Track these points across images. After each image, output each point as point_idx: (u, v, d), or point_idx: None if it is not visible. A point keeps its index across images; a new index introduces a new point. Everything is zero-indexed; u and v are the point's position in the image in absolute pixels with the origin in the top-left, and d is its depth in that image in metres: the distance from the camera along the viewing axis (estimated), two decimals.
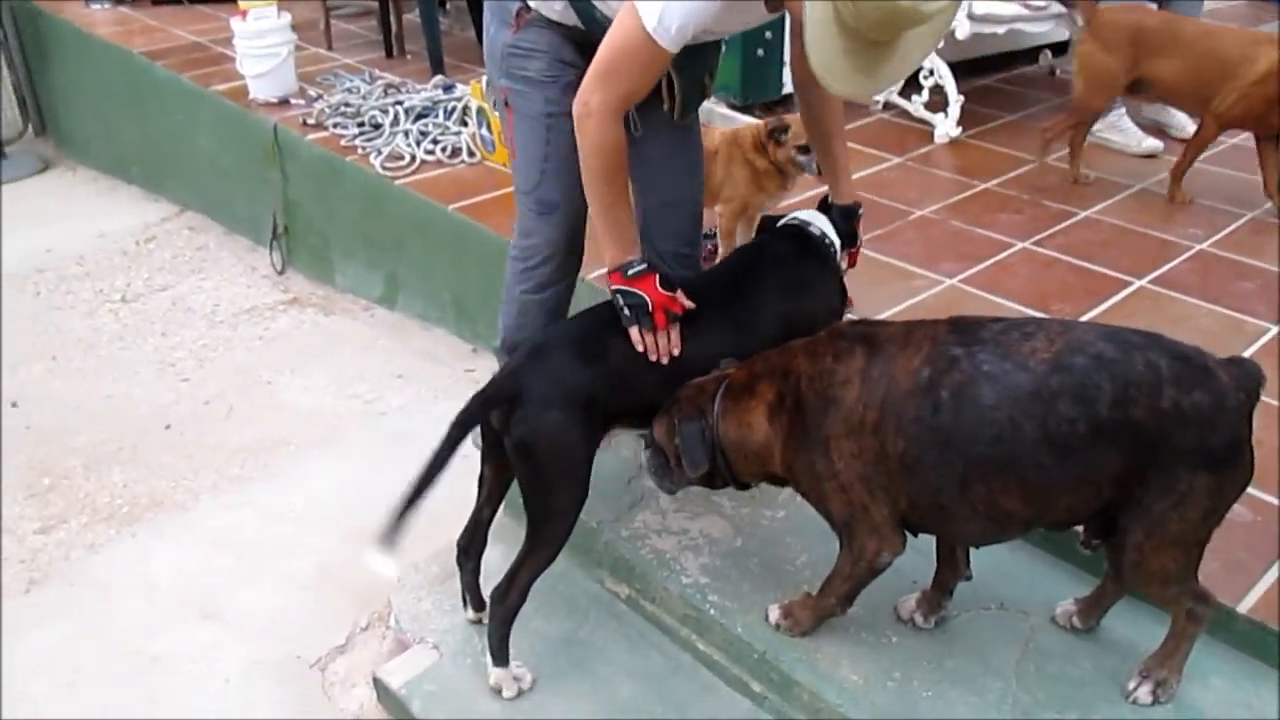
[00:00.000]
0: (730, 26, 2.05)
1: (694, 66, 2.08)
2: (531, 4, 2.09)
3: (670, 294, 1.96)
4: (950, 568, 2.00)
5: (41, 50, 5.56)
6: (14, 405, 3.42)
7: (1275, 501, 2.13)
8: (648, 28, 1.79)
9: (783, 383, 1.81)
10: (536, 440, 1.91)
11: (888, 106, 4.20)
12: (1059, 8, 3.94)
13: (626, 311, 1.95)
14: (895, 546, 1.81)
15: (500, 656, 2.04)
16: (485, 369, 3.43)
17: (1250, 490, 1.73)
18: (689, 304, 1.99)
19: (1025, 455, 1.61)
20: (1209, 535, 1.67)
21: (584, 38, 2.05)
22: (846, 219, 2.27)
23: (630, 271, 1.96)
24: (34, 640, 2.47)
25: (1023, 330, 1.64)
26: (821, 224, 2.26)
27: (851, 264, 2.34)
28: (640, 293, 1.94)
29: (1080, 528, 1.79)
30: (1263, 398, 1.64)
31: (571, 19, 2.06)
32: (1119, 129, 3.87)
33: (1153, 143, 3.84)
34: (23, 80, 5.72)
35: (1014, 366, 1.60)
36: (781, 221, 2.31)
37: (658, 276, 1.96)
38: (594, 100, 1.85)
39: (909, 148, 3.91)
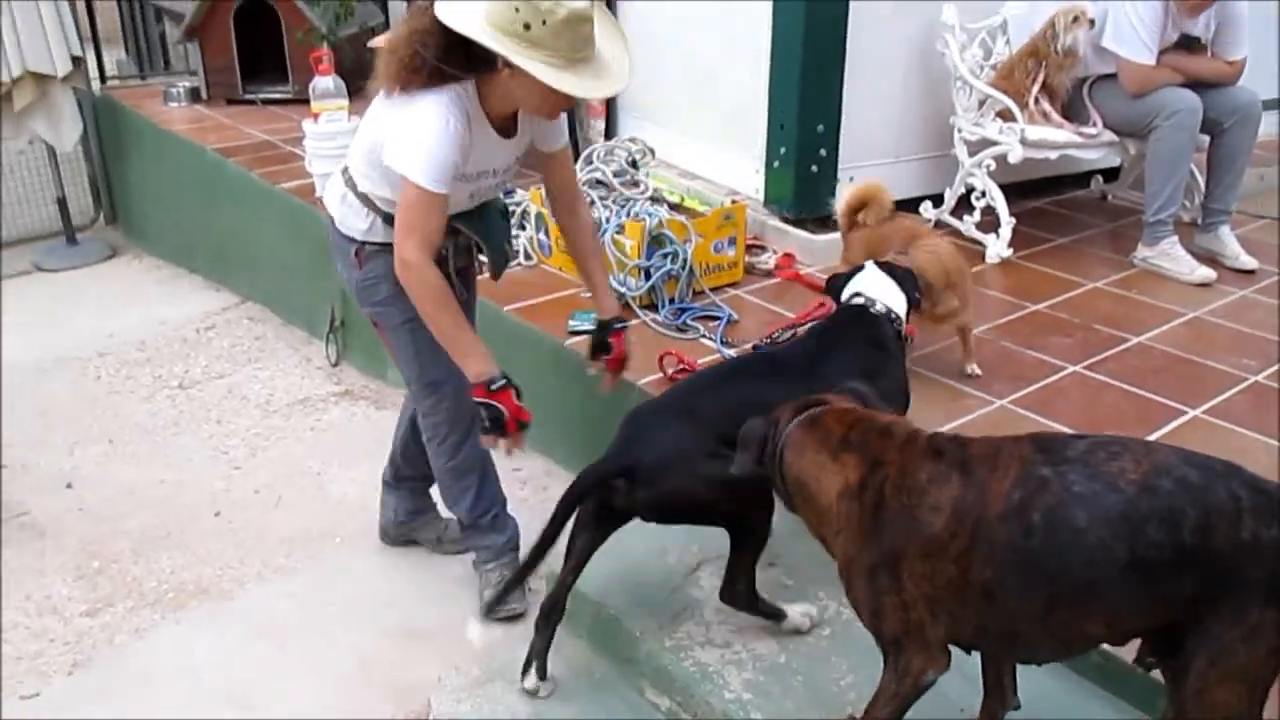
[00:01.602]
0: (496, 161, 2.38)
1: (494, 237, 2.56)
2: (363, 239, 2.47)
3: (521, 406, 2.34)
4: (999, 698, 1.96)
5: (118, 143, 5.81)
6: (69, 487, 3.48)
7: None
8: (421, 184, 2.17)
9: (869, 471, 1.76)
10: (662, 504, 2.22)
11: (939, 225, 4.25)
12: (1110, 135, 3.99)
13: (487, 423, 2.32)
14: (941, 665, 1.78)
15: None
16: (531, 469, 3.46)
17: None
18: (530, 416, 2.36)
19: (1114, 578, 1.59)
20: (1275, 675, 1.63)
21: None
22: (606, 332, 2.61)
23: (493, 386, 2.30)
24: None
25: (1109, 450, 1.63)
26: (888, 300, 2.45)
27: (613, 369, 2.62)
28: (500, 406, 2.30)
29: (1138, 641, 1.75)
30: None
31: (390, 236, 2.36)
32: (1171, 256, 3.88)
33: (1205, 271, 3.84)
34: (98, 170, 5.97)
35: (1104, 487, 1.58)
36: (848, 298, 2.50)
37: (514, 390, 2.32)
38: (407, 254, 2.21)
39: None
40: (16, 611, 2.87)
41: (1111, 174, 4.83)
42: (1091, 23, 3.84)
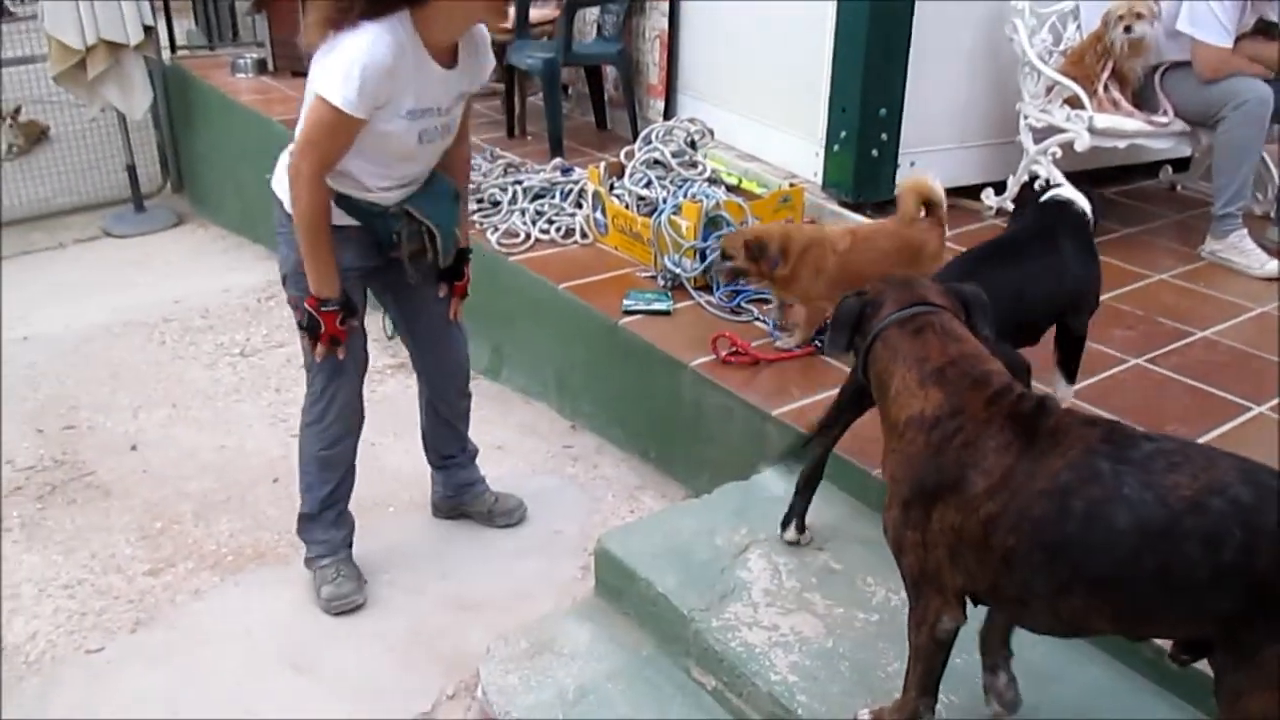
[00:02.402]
0: (440, 98, 2.34)
1: (446, 221, 2.54)
2: None
3: (343, 329, 2.46)
4: (995, 650, 2.03)
5: (186, 113, 5.91)
6: (134, 449, 3.57)
7: None
8: (333, 102, 2.18)
9: (947, 415, 1.74)
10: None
11: (1000, 213, 4.19)
12: (1182, 125, 3.90)
13: (305, 325, 2.47)
14: (957, 614, 1.79)
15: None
16: (583, 446, 3.49)
17: None
18: (344, 338, 2.49)
19: (1137, 585, 1.58)
20: None
21: (366, 234, 2.50)
22: (462, 260, 2.69)
23: (325, 306, 2.41)
24: (136, 680, 2.55)
25: (1171, 459, 1.59)
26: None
27: (460, 294, 2.75)
28: (320, 320, 2.43)
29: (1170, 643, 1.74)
30: None
31: (345, 220, 2.45)
32: (1240, 249, 3.79)
33: (1275, 265, 3.75)
34: (166, 140, 6.08)
35: (1154, 499, 1.55)
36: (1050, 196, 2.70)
37: (339, 315, 2.44)
38: (302, 167, 2.27)
39: None
40: (83, 569, 2.95)
41: (1182, 164, 4.73)
42: (1129, 28, 3.76)
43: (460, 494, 3.08)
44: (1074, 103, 3.84)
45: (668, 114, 4.96)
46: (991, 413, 1.71)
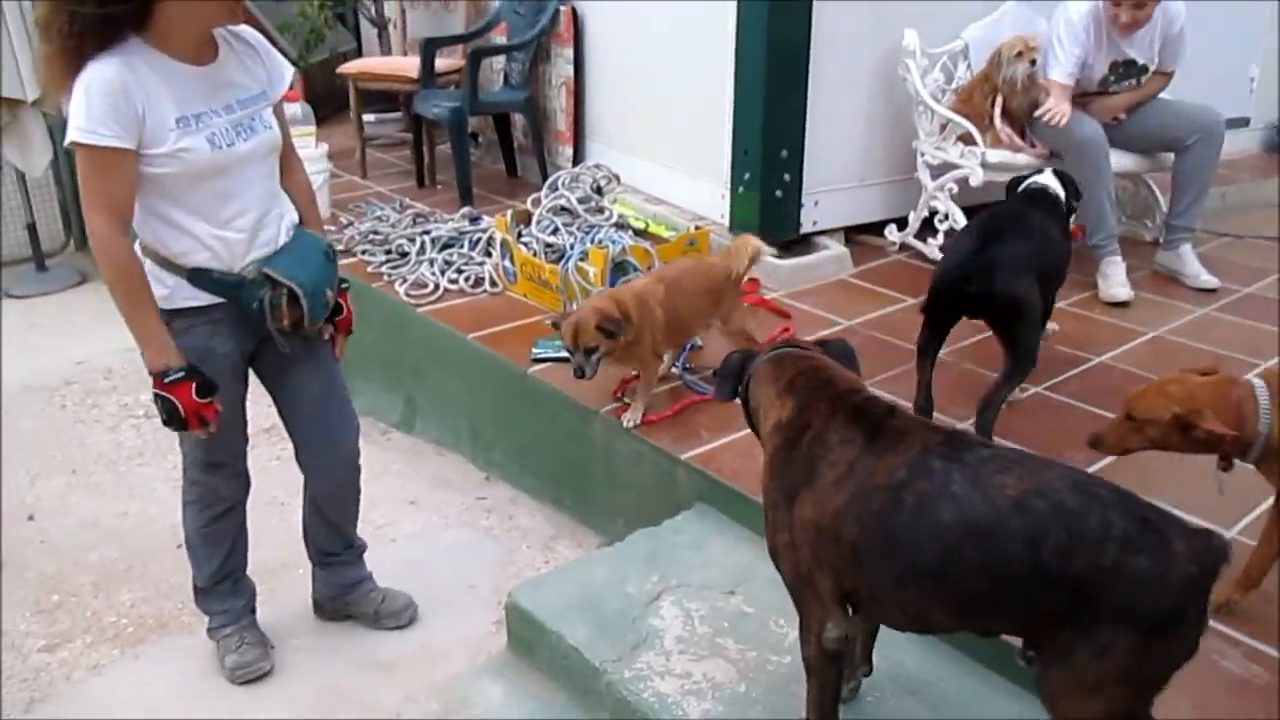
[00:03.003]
0: (211, 97, 2.16)
1: (314, 280, 2.32)
2: (168, 310, 2.24)
3: (205, 400, 2.20)
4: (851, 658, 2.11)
5: None
6: (30, 519, 3.45)
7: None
8: (81, 140, 2.01)
9: (798, 413, 1.88)
10: (1018, 295, 2.73)
11: (904, 248, 4.29)
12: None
13: (164, 416, 2.21)
14: (840, 620, 1.86)
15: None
16: (497, 497, 3.45)
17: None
18: (217, 411, 2.24)
19: (962, 579, 1.66)
20: (1135, 699, 1.64)
21: (233, 311, 2.29)
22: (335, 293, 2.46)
23: (168, 378, 2.17)
24: None
25: (1003, 462, 1.69)
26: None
27: (344, 330, 2.55)
28: (174, 400, 2.17)
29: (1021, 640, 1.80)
30: None
31: (208, 299, 2.26)
32: (1105, 275, 3.91)
33: (1211, 278, 3.92)
34: (68, 197, 5.94)
35: (980, 496, 1.65)
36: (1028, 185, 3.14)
37: (194, 385, 2.18)
38: (95, 226, 2.07)
39: (923, 289, 3.89)
40: None
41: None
42: (1033, 61, 3.88)
43: (345, 594, 2.84)
44: (967, 139, 3.95)
45: (577, 160, 4.99)
46: (836, 408, 1.85)
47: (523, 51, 5.02)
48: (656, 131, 4.57)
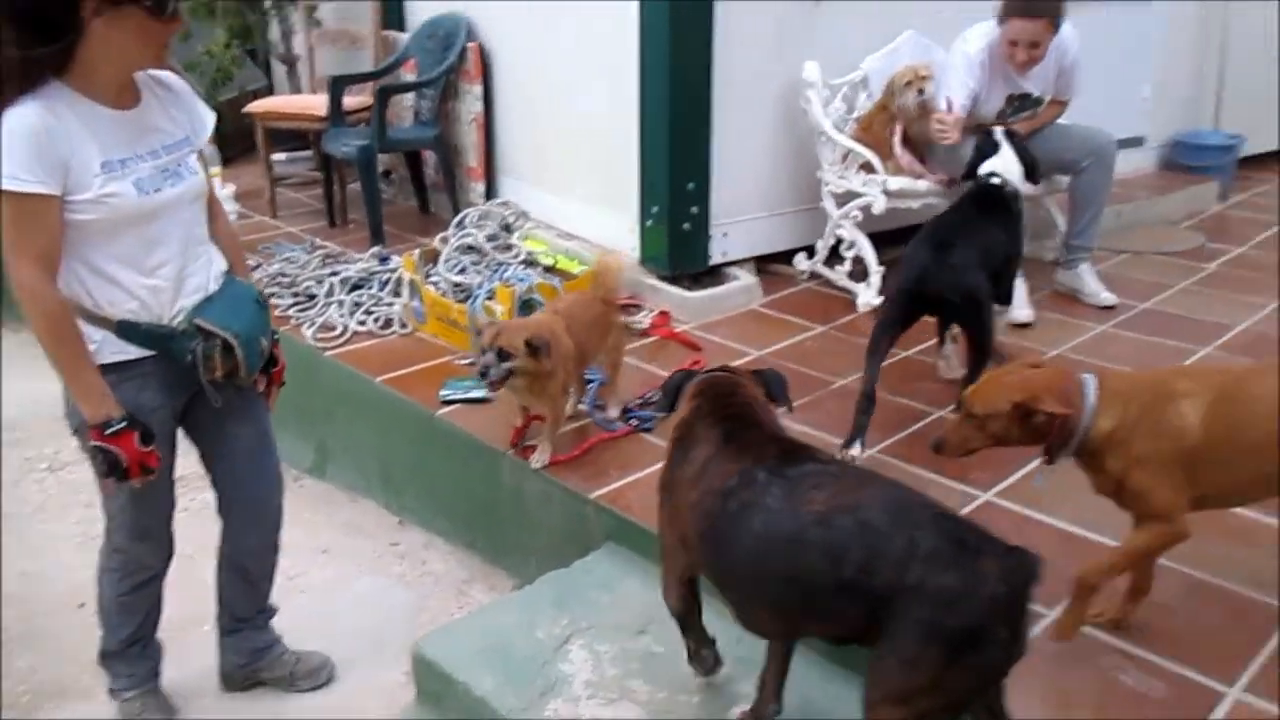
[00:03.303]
0: (136, 142, 2.12)
1: (248, 330, 2.27)
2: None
3: (147, 449, 2.16)
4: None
5: None
6: None
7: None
8: (7, 188, 1.94)
9: (692, 414, 2.06)
10: (974, 292, 3.00)
11: (813, 276, 4.34)
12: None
13: (104, 467, 2.14)
14: (673, 595, 2.13)
15: None
16: (410, 542, 3.41)
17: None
18: (157, 462, 2.20)
19: (772, 587, 1.81)
20: (944, 711, 1.71)
21: (165, 364, 2.23)
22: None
23: (110, 430, 2.11)
24: None
25: (821, 477, 1.82)
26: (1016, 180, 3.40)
27: (278, 382, 2.50)
28: (117, 451, 2.12)
29: None
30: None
31: (138, 352, 2.20)
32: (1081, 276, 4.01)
33: (1110, 295, 4.05)
34: None
35: (788, 509, 1.77)
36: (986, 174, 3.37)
37: (137, 434, 2.13)
38: (20, 276, 2.00)
39: (833, 317, 4.03)
40: None
41: None
42: (921, 90, 3.95)
43: (256, 660, 2.75)
44: (868, 168, 4.02)
45: (489, 196, 4.98)
46: (715, 412, 2.02)
47: (432, 88, 5.01)
48: (567, 166, 4.59)
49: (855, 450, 2.98)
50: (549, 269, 3.89)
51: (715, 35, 3.86)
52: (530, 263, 3.83)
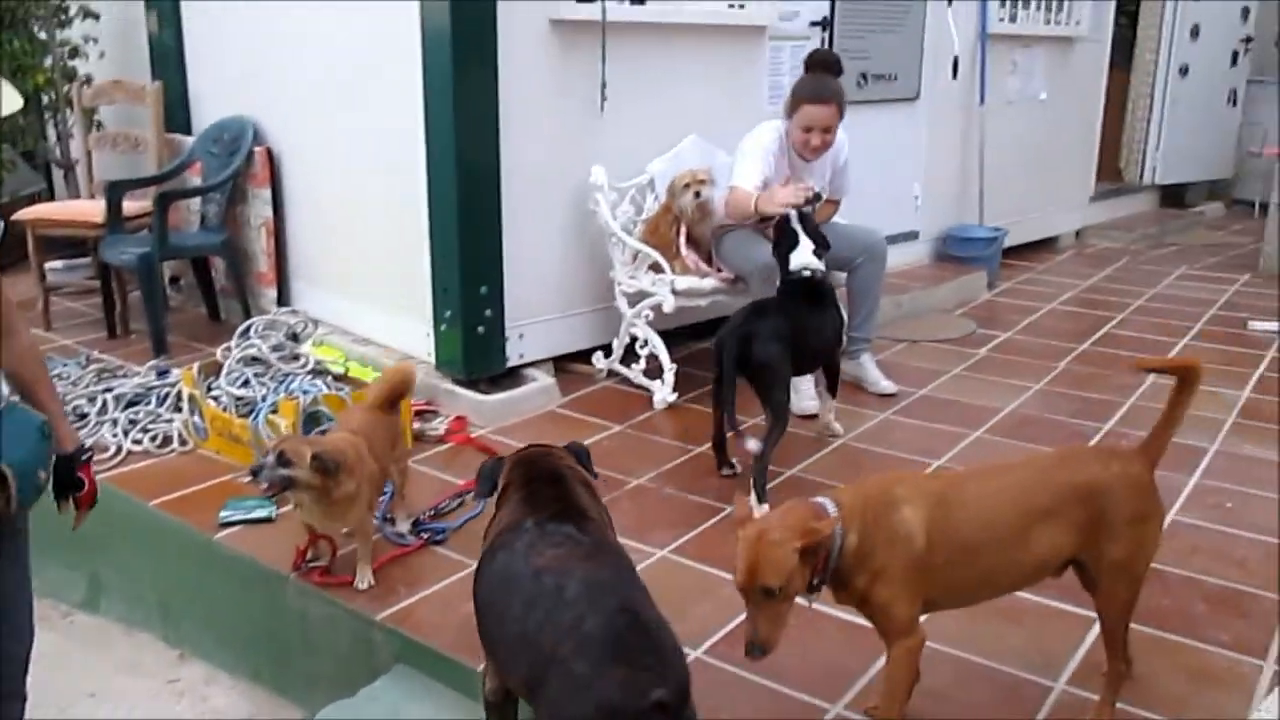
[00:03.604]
0: None
1: (24, 460, 2.08)
2: None
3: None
4: None
5: None
6: None
7: None
8: None
9: (509, 484, 2.18)
10: (765, 361, 3.40)
11: (611, 375, 4.40)
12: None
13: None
14: (488, 682, 2.08)
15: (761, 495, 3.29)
16: (191, 677, 3.20)
17: None
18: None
19: (489, 619, 1.94)
20: None
21: None
22: (73, 465, 2.28)
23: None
24: None
25: (566, 538, 1.94)
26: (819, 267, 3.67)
27: (86, 506, 2.33)
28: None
29: None
30: None
31: None
32: (797, 390, 4.13)
33: (890, 384, 4.21)
34: None
35: (522, 555, 1.92)
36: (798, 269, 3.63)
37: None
38: None
39: (631, 415, 4.07)
40: None
41: None
42: (698, 194, 4.09)
43: None
44: (657, 268, 4.13)
45: (281, 302, 4.86)
46: (524, 476, 2.15)
47: (218, 193, 4.87)
48: (360, 270, 4.53)
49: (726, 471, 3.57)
50: (340, 378, 3.79)
51: (502, 138, 3.91)
52: (318, 372, 3.73)
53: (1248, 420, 4.08)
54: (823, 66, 4.07)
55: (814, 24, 5.12)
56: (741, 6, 4.81)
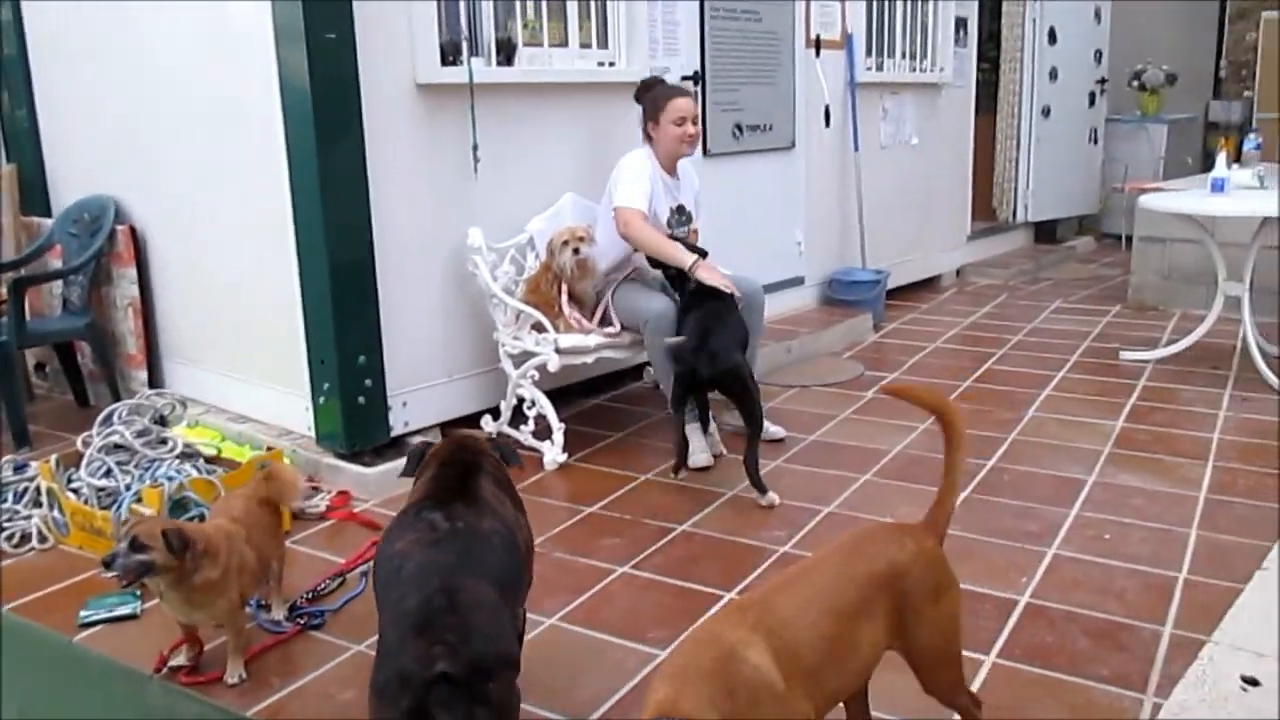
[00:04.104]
0: None
1: None
2: None
3: None
4: None
5: None
6: None
7: None
8: None
9: (423, 469, 2.40)
10: (737, 368, 3.77)
11: (500, 435, 4.31)
12: (634, 335, 4.22)
13: None
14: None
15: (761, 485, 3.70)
16: None
17: None
18: None
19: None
20: None
21: None
22: None
23: None
24: None
25: (431, 528, 2.08)
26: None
27: None
28: None
29: None
30: None
31: None
32: (689, 442, 4.10)
33: (699, 458, 4.03)
34: None
35: (389, 544, 2.10)
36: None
37: None
38: None
39: (521, 477, 3.96)
40: None
41: None
42: (577, 250, 4.08)
43: None
44: (540, 327, 4.08)
45: (154, 383, 4.67)
46: (435, 467, 2.33)
47: (80, 275, 4.68)
48: (233, 346, 4.38)
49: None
50: (212, 459, 3.64)
51: (374, 204, 3.84)
52: (188, 455, 3.57)
53: (1123, 449, 4.19)
54: (654, 83, 4.42)
55: (685, 78, 5.19)
56: (612, 64, 4.85)
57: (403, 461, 3.76)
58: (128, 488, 3.31)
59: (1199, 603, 2.91)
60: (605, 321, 4.23)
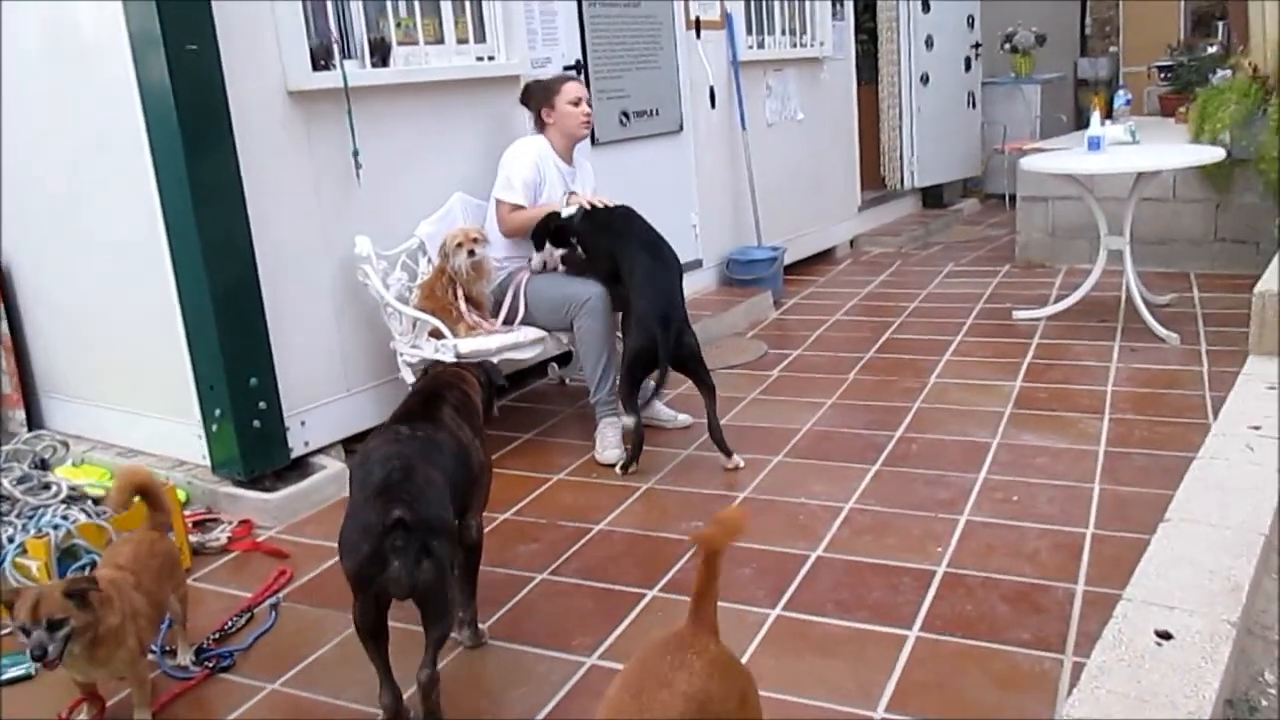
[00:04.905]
0: None
1: None
2: None
3: None
4: None
5: None
6: None
7: None
8: None
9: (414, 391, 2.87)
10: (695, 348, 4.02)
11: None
12: (537, 333, 4.15)
13: None
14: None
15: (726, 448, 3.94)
16: None
17: None
18: None
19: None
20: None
21: None
22: None
23: None
24: None
25: (392, 433, 2.52)
26: None
27: None
28: None
29: None
30: None
31: None
32: (600, 436, 4.10)
33: (612, 454, 4.04)
34: None
35: (363, 452, 2.52)
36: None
37: None
38: None
39: None
40: None
41: (564, 359, 5.06)
42: (472, 252, 4.01)
43: None
44: (439, 333, 3.98)
45: (32, 424, 4.43)
46: (411, 394, 2.81)
47: None
48: (117, 377, 4.17)
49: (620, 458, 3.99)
50: (100, 500, 3.45)
51: (252, 219, 3.67)
52: (74, 499, 3.38)
53: (1023, 409, 4.28)
54: (536, 83, 4.46)
55: (567, 68, 5.11)
56: (491, 58, 4.74)
57: (308, 482, 3.77)
58: (10, 540, 3.12)
59: (1108, 557, 2.98)
60: (511, 319, 4.16)
